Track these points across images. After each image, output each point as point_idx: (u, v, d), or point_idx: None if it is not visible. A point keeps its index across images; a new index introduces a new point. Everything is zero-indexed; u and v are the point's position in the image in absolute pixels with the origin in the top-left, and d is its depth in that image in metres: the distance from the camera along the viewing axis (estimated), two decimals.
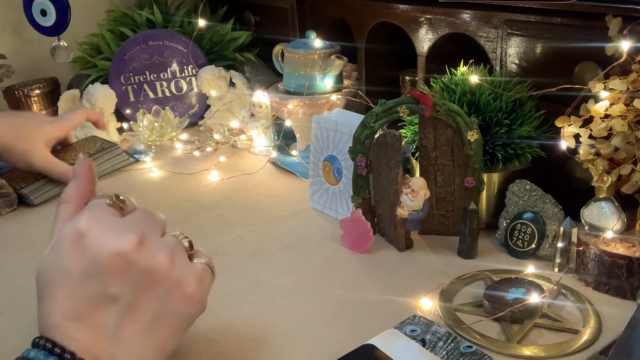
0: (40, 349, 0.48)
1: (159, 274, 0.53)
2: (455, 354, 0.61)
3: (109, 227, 0.52)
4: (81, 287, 0.51)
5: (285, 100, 1.11)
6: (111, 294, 0.51)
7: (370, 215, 0.87)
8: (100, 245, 0.51)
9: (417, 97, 0.81)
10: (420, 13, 1.04)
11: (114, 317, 0.51)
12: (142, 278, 0.52)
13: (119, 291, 0.51)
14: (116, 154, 1.14)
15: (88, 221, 0.52)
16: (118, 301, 0.51)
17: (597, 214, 0.74)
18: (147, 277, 0.52)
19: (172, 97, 1.39)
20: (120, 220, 0.54)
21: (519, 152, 0.84)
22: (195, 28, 1.39)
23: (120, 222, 0.54)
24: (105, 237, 0.51)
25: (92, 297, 0.51)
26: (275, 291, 0.75)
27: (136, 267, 0.52)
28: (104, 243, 0.51)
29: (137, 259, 0.52)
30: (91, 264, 0.51)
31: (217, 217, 0.96)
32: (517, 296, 0.68)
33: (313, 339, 0.66)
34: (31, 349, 0.49)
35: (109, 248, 0.51)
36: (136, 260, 0.52)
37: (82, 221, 0.52)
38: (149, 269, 0.52)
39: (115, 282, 0.51)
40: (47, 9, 1.32)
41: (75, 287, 0.51)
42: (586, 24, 0.80)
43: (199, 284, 0.56)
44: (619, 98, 0.71)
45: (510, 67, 0.92)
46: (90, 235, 0.51)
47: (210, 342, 0.66)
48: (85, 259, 0.51)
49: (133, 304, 0.52)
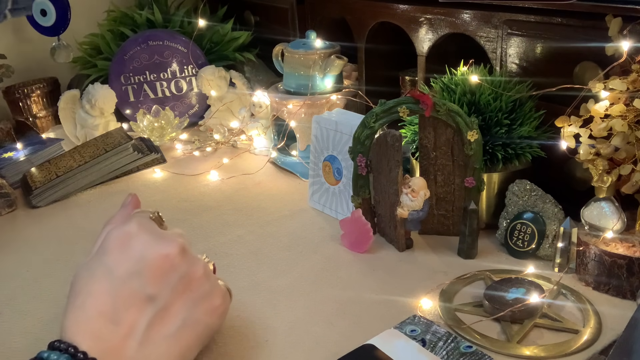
0: (62, 352, 0.49)
1: (195, 281, 0.57)
2: (455, 354, 0.61)
3: (155, 233, 0.57)
4: (122, 284, 0.53)
5: (285, 100, 1.11)
6: (149, 293, 0.54)
7: (370, 215, 0.87)
8: (147, 247, 0.55)
9: (417, 97, 0.81)
10: (420, 13, 1.04)
11: (147, 317, 0.53)
12: (180, 282, 0.56)
13: (157, 291, 0.54)
14: (125, 153, 1.11)
15: (136, 225, 0.56)
16: (154, 302, 0.54)
17: (597, 214, 0.74)
18: (184, 282, 0.56)
19: (172, 97, 1.39)
20: (162, 231, 0.59)
21: (519, 152, 0.84)
22: (195, 28, 1.39)
23: (163, 232, 0.58)
24: (152, 240, 0.56)
25: (131, 295, 0.53)
26: (275, 291, 0.75)
27: (177, 271, 0.56)
28: (151, 245, 0.55)
29: (179, 263, 0.56)
30: (136, 263, 0.54)
31: (217, 217, 0.96)
32: (517, 296, 0.68)
33: (313, 339, 0.66)
34: (52, 351, 0.49)
35: (156, 249, 0.55)
36: (178, 264, 0.56)
37: (131, 224, 0.56)
38: (187, 274, 0.56)
39: (155, 283, 0.54)
40: (47, 9, 1.32)
41: (116, 283, 0.53)
42: (586, 24, 0.80)
43: (224, 300, 0.61)
44: (619, 98, 0.71)
45: (510, 67, 0.92)
46: (138, 237, 0.55)
47: (210, 342, 0.66)
48: (131, 257, 0.54)
49: (167, 307, 0.55)
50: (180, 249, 0.57)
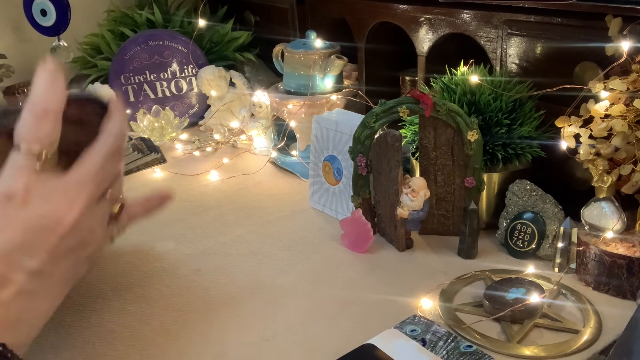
0: None
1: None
2: (456, 353, 0.61)
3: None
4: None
5: (285, 100, 1.11)
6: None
7: (370, 215, 0.87)
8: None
9: (417, 97, 0.81)
10: (420, 13, 1.04)
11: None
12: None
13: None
14: (125, 153, 1.11)
15: None
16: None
17: (597, 214, 0.74)
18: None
19: (172, 97, 1.39)
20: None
21: (519, 152, 0.84)
22: (196, 28, 1.39)
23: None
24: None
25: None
26: (275, 291, 0.75)
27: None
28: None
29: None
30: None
31: (217, 217, 0.96)
32: (517, 296, 0.68)
33: (313, 339, 0.66)
34: None
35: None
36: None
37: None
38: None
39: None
40: (47, 9, 1.32)
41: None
42: (586, 24, 0.80)
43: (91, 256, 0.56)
44: (619, 98, 0.71)
45: (510, 67, 0.92)
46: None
47: (210, 342, 0.66)
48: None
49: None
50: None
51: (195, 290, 0.76)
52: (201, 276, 0.79)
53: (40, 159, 0.50)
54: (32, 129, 0.50)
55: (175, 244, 0.88)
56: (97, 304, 0.73)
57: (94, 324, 0.70)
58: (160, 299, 0.74)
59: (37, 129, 0.50)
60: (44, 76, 0.51)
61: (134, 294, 0.75)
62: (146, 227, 0.78)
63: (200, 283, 0.77)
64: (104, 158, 0.53)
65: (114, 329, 0.69)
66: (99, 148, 0.54)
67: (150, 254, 0.85)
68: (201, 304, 0.73)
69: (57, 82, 0.51)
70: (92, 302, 0.74)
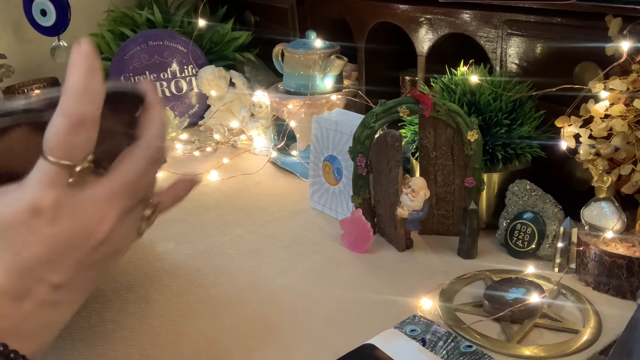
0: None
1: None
2: (455, 353, 0.61)
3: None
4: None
5: (285, 100, 1.11)
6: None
7: (370, 215, 0.87)
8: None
9: (417, 97, 0.81)
10: (420, 13, 1.04)
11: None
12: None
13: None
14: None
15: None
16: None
17: (597, 214, 0.74)
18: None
19: (172, 97, 1.39)
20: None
21: (519, 152, 0.84)
22: (195, 28, 1.39)
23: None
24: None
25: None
26: (275, 291, 0.75)
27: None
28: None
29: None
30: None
31: (217, 217, 0.96)
32: (517, 296, 0.68)
33: (313, 339, 0.66)
34: None
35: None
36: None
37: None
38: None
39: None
40: (47, 9, 1.32)
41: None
42: (586, 24, 0.80)
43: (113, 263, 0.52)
44: (619, 98, 0.71)
45: (510, 67, 0.92)
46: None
47: (211, 342, 0.66)
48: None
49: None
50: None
51: (195, 290, 0.76)
52: (201, 276, 0.79)
53: (74, 174, 0.43)
54: (65, 140, 0.42)
55: (175, 244, 0.88)
56: (97, 304, 0.73)
57: (94, 324, 0.70)
58: (160, 299, 0.74)
59: (72, 139, 0.42)
60: (80, 67, 0.41)
61: (134, 294, 0.75)
62: None
63: (200, 283, 0.77)
64: (145, 164, 0.47)
65: (114, 329, 0.69)
66: (137, 155, 0.47)
67: (150, 254, 0.85)
68: (201, 304, 0.73)
69: (96, 77, 0.42)
70: (92, 302, 0.74)
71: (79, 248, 0.45)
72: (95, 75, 0.42)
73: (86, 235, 0.45)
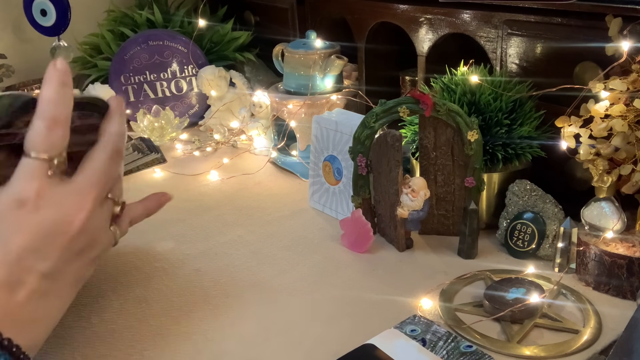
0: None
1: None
2: (456, 353, 0.61)
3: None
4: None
5: (285, 100, 1.11)
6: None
7: (370, 215, 0.87)
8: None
9: (417, 97, 0.81)
10: (420, 13, 1.04)
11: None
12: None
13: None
14: (125, 153, 1.11)
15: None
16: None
17: (597, 214, 0.74)
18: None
19: (172, 97, 1.39)
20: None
21: (519, 152, 0.84)
22: (196, 28, 1.39)
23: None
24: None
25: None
26: (275, 291, 0.75)
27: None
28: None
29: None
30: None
31: (217, 217, 0.96)
32: (517, 296, 0.68)
33: (313, 339, 0.66)
34: None
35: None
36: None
37: None
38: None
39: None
40: (47, 9, 1.32)
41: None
42: (586, 24, 0.80)
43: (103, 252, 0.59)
44: (619, 98, 0.71)
45: (510, 67, 0.92)
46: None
47: (211, 342, 0.66)
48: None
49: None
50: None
51: (195, 290, 0.76)
52: (201, 276, 0.79)
53: (52, 166, 0.52)
54: (43, 137, 0.51)
55: (175, 244, 0.88)
56: (97, 304, 0.73)
57: (94, 324, 0.70)
58: (160, 299, 0.74)
59: (49, 136, 0.51)
60: (54, 80, 0.52)
61: (134, 294, 0.75)
62: (146, 227, 0.77)
63: (200, 283, 0.77)
64: (107, 160, 0.55)
65: (114, 329, 0.69)
66: (101, 150, 0.56)
67: (150, 254, 0.85)
68: (201, 304, 0.73)
69: (67, 88, 0.52)
70: (92, 302, 0.74)
71: (62, 235, 0.52)
72: (66, 87, 0.52)
73: (67, 222, 0.52)
